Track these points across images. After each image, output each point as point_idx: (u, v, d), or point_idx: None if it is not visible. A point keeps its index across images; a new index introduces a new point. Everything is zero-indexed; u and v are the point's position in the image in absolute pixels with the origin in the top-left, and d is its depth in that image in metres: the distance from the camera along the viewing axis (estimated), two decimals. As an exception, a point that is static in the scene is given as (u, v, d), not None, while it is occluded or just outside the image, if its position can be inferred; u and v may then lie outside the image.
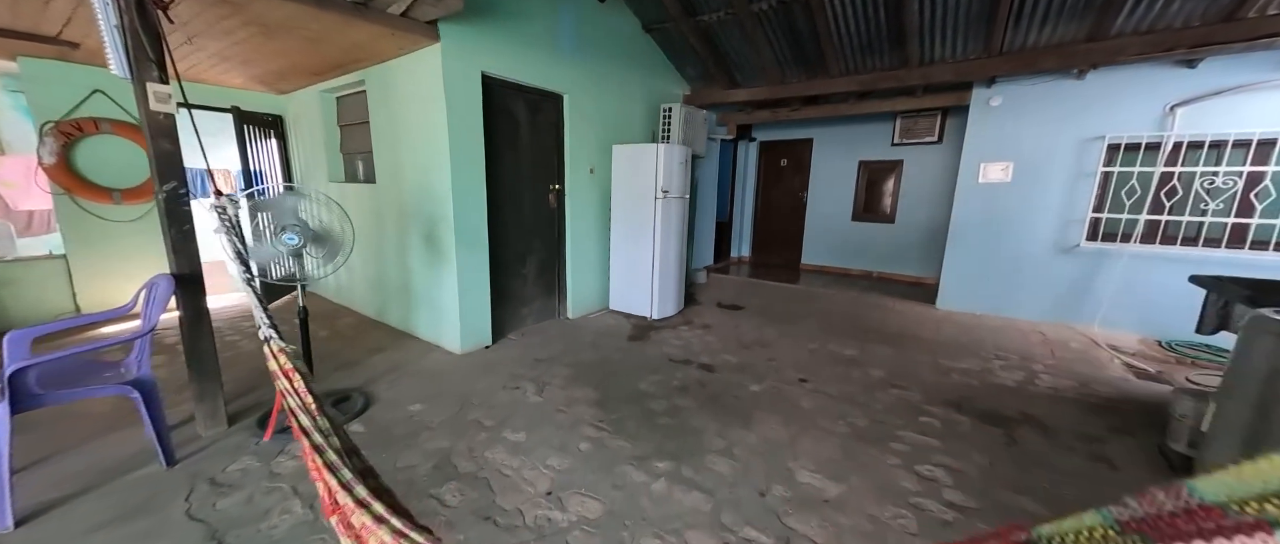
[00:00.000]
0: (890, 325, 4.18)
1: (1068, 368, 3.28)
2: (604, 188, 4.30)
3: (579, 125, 3.96)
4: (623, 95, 4.37)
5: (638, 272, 4.23)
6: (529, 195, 3.74)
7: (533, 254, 3.86)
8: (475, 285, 3.29)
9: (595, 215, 4.29)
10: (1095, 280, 4.00)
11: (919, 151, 5.78)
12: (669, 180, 4.03)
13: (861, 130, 6.15)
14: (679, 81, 5.18)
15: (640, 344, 3.59)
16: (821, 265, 6.75)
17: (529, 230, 3.79)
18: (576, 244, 4.15)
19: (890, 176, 6.06)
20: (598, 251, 4.38)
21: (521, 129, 3.59)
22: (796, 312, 4.56)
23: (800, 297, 5.17)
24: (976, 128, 4.35)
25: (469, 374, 2.94)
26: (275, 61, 3.34)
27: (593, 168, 4.17)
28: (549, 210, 3.93)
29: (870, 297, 5.15)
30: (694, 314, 4.46)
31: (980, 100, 4.30)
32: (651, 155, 3.96)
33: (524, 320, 3.89)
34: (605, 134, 4.23)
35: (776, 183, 7.07)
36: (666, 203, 4.05)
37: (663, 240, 4.09)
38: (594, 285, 4.42)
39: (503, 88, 3.36)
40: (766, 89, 4.76)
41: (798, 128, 6.68)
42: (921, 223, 5.90)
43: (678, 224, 4.26)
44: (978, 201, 4.42)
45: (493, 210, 3.41)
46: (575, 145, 3.96)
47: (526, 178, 3.69)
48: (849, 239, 6.47)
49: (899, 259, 6.13)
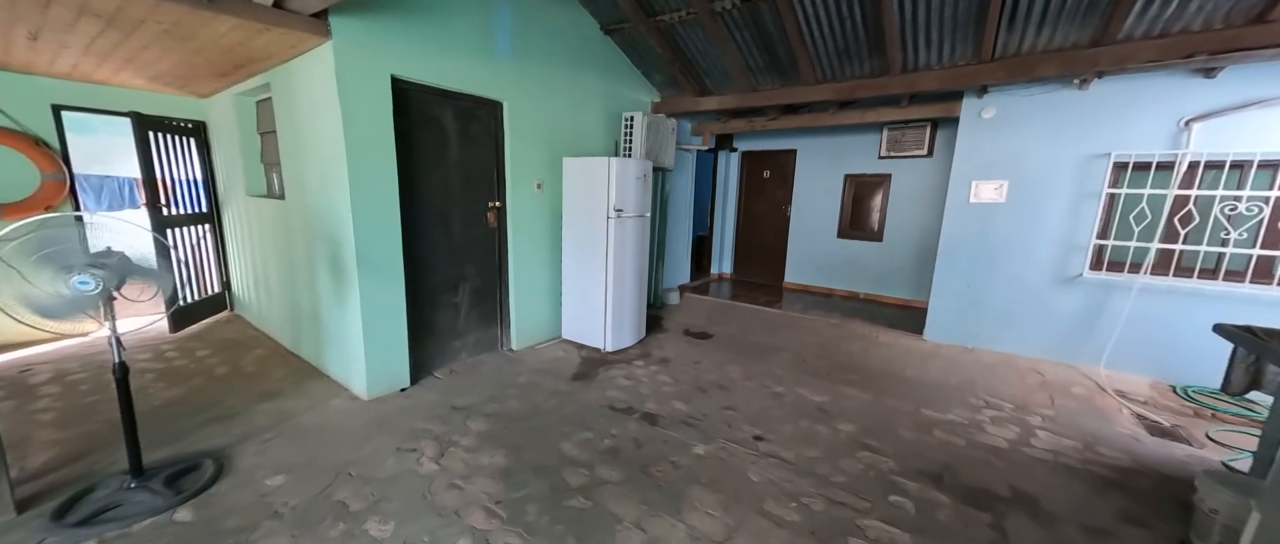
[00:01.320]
0: (872, 361, 3.73)
1: (1070, 420, 2.84)
2: (555, 205, 3.88)
3: (523, 136, 3.54)
4: (577, 102, 3.95)
5: (590, 299, 3.80)
6: (461, 215, 3.31)
7: (466, 281, 3.42)
8: (386, 320, 2.85)
9: (545, 236, 3.86)
10: (1101, 315, 3.56)
11: (908, 166, 5.36)
12: (623, 197, 3.60)
13: (847, 142, 5.74)
14: (647, 88, 4.77)
15: (583, 385, 3.15)
16: (806, 285, 6.31)
17: (461, 254, 3.36)
18: (522, 268, 3.72)
19: (878, 192, 5.64)
20: (548, 276, 3.95)
21: (450, 141, 3.16)
22: (769, 343, 4.11)
23: (777, 324, 4.73)
24: (967, 141, 3.93)
25: (363, 430, 2.50)
26: (161, 61, 2.92)
27: (540, 183, 3.74)
28: (486, 231, 3.50)
29: (853, 324, 4.71)
30: (655, 344, 4.02)
31: (971, 111, 3.88)
32: (603, 170, 3.53)
33: (455, 355, 3.45)
34: (556, 145, 3.81)
35: (759, 195, 6.65)
36: (621, 223, 3.62)
37: (617, 265, 3.66)
38: (544, 313, 3.98)
39: (423, 94, 2.94)
40: (737, 97, 4.34)
41: (780, 137, 6.26)
42: (911, 242, 5.47)
43: (635, 246, 3.82)
44: (969, 223, 3.99)
45: (412, 233, 2.98)
46: (518, 158, 3.54)
47: (457, 195, 3.26)
48: (834, 257, 6.04)
49: (887, 280, 5.70)
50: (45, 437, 2.33)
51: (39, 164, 3.45)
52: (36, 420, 2.49)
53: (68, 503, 1.80)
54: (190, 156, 4.14)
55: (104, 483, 1.90)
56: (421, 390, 2.99)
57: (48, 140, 3.52)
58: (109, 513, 1.77)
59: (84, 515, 1.73)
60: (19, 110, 3.40)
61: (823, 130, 5.85)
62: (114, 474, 1.95)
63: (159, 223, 3.69)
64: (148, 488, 1.86)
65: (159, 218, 3.69)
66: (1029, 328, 3.84)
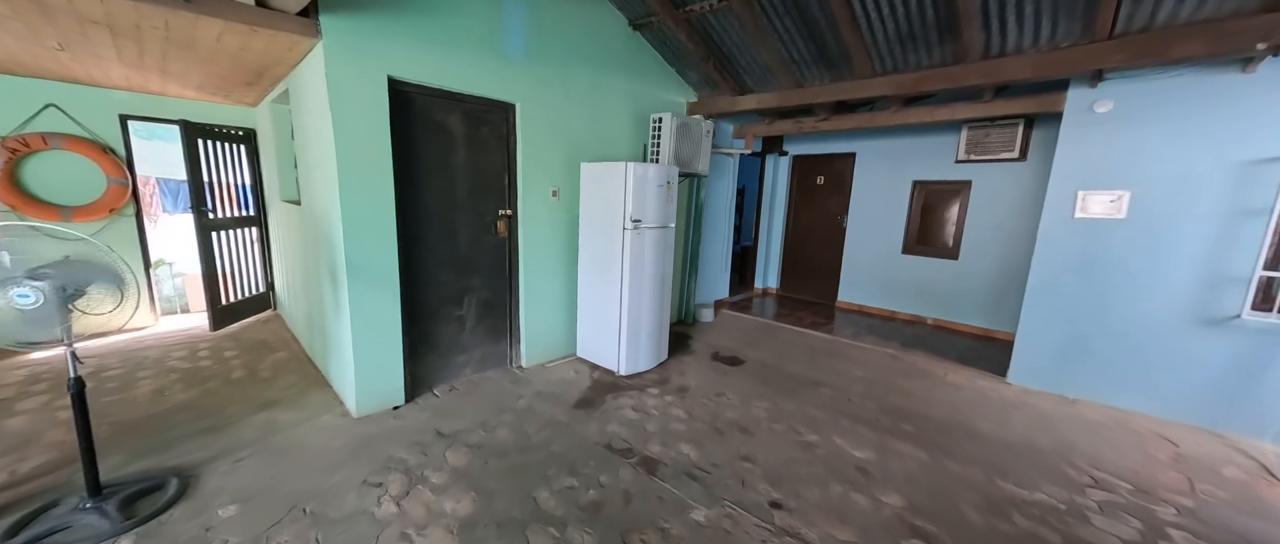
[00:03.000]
0: (935, 407, 3.09)
1: (1218, 517, 2.09)
2: (571, 214, 3.61)
3: (537, 140, 3.31)
4: (600, 104, 3.66)
5: (604, 317, 3.48)
6: (468, 223, 3.13)
7: (473, 293, 3.24)
8: (378, 333, 2.71)
9: (560, 247, 3.61)
10: (1269, 371, 2.68)
11: (993, 171, 4.54)
12: (641, 207, 3.25)
13: (916, 144, 4.99)
14: (681, 88, 4.40)
15: (584, 415, 2.84)
16: (862, 305, 5.59)
17: (468, 265, 3.18)
18: (533, 281, 3.49)
19: (953, 202, 4.84)
20: (562, 290, 3.69)
21: (456, 145, 2.99)
22: (809, 374, 3.57)
23: (821, 351, 4.14)
24: (1073, 142, 3.17)
25: (339, 454, 2.34)
26: (189, 71, 3.01)
27: (556, 190, 3.49)
28: (496, 241, 3.30)
29: (914, 356, 4.01)
30: (676, 369, 3.62)
31: (1079, 105, 3.12)
32: (619, 176, 3.21)
33: (459, 371, 3.27)
34: (575, 150, 3.55)
35: (811, 203, 6.02)
36: (639, 235, 3.28)
37: (633, 281, 3.32)
38: (557, 329, 3.72)
39: (426, 96, 2.78)
40: (779, 95, 3.85)
41: (836, 140, 5.61)
42: (993, 262, 4.62)
43: (656, 261, 3.46)
44: (1073, 242, 3.21)
45: (413, 241, 2.83)
46: (532, 164, 3.31)
47: (465, 203, 3.09)
48: (898, 276, 5.29)
49: (962, 305, 4.87)
50: (53, 437, 2.40)
51: (105, 169, 3.73)
52: (55, 418, 2.59)
53: (24, 520, 1.76)
54: (241, 162, 4.35)
55: (66, 500, 1.86)
56: (414, 410, 2.82)
57: (114, 147, 3.81)
58: (54, 536, 1.70)
59: (29, 538, 1.67)
60: (90, 120, 3.70)
61: (887, 131, 5.15)
62: (79, 490, 1.91)
63: (204, 225, 3.87)
64: (100, 510, 1.78)
65: (204, 220, 3.88)
66: (1156, 379, 3.00)
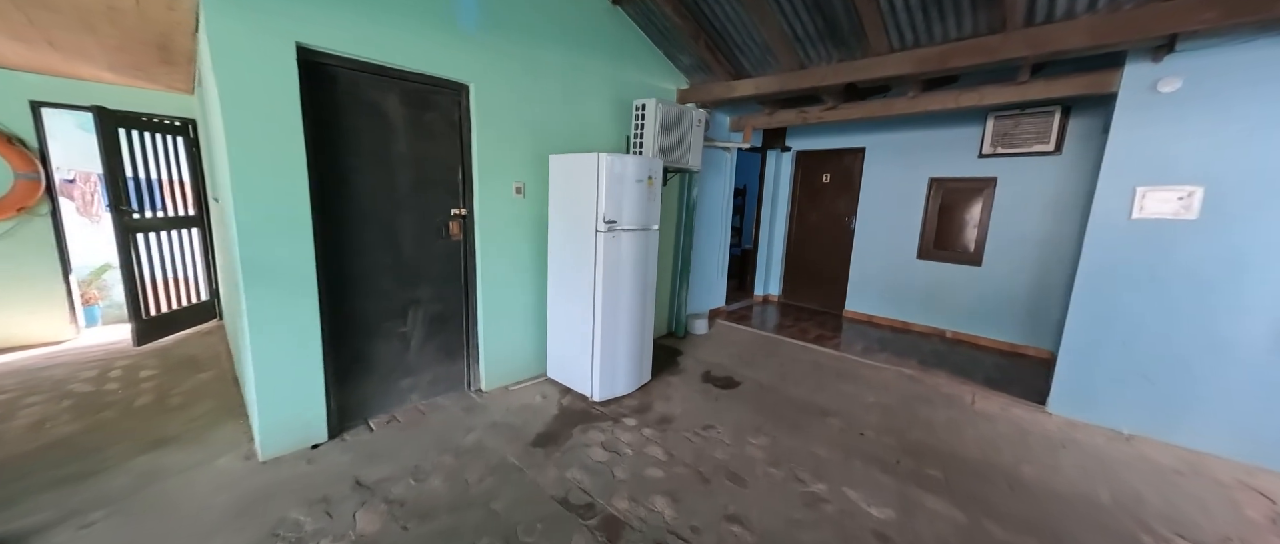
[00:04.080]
0: (965, 443, 2.58)
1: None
2: (539, 213, 3.14)
3: (497, 128, 2.83)
4: (574, 88, 3.19)
5: (576, 333, 3.00)
6: (412, 224, 2.66)
7: (420, 305, 2.76)
8: (291, 353, 2.23)
9: (528, 251, 3.13)
10: (1385, 408, 2.16)
11: (1022, 166, 4.03)
12: (616, 205, 2.77)
13: (934, 137, 4.49)
14: (671, 73, 3.92)
15: (543, 456, 2.35)
16: (872, 315, 5.08)
17: (413, 272, 2.70)
18: (496, 290, 3.01)
19: (976, 200, 4.33)
20: (530, 300, 3.21)
21: (397, 132, 2.52)
22: (815, 400, 3.07)
23: (829, 371, 3.63)
24: (1130, 129, 2.66)
25: (214, 516, 1.86)
26: (82, 43, 2.55)
27: (520, 186, 3.02)
28: (448, 244, 2.83)
29: (936, 377, 3.50)
30: (660, 392, 3.13)
31: (1138, 84, 2.61)
32: (590, 170, 2.73)
33: (404, 397, 2.79)
34: (544, 140, 3.08)
35: (816, 203, 5.52)
36: (614, 239, 2.80)
37: (607, 292, 2.83)
38: (525, 346, 3.24)
39: (354, 72, 2.31)
40: (779, 78, 3.35)
41: (843, 133, 5.12)
42: (1024, 268, 4.11)
43: (635, 268, 2.97)
44: (1129, 247, 2.70)
45: (340, 244, 2.36)
46: (492, 155, 2.84)
47: (408, 200, 2.62)
48: (913, 283, 4.77)
49: (987, 317, 4.35)
50: None
51: (12, 163, 3.29)
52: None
53: None
54: (178, 156, 3.89)
55: None
56: (336, 450, 2.33)
57: (23, 137, 3.36)
58: None
59: None
60: (-3, 110, 3.26)
61: (900, 122, 4.65)
62: None
63: (124, 226, 3.41)
64: None
65: (124, 220, 3.41)
66: (1239, 415, 2.48)
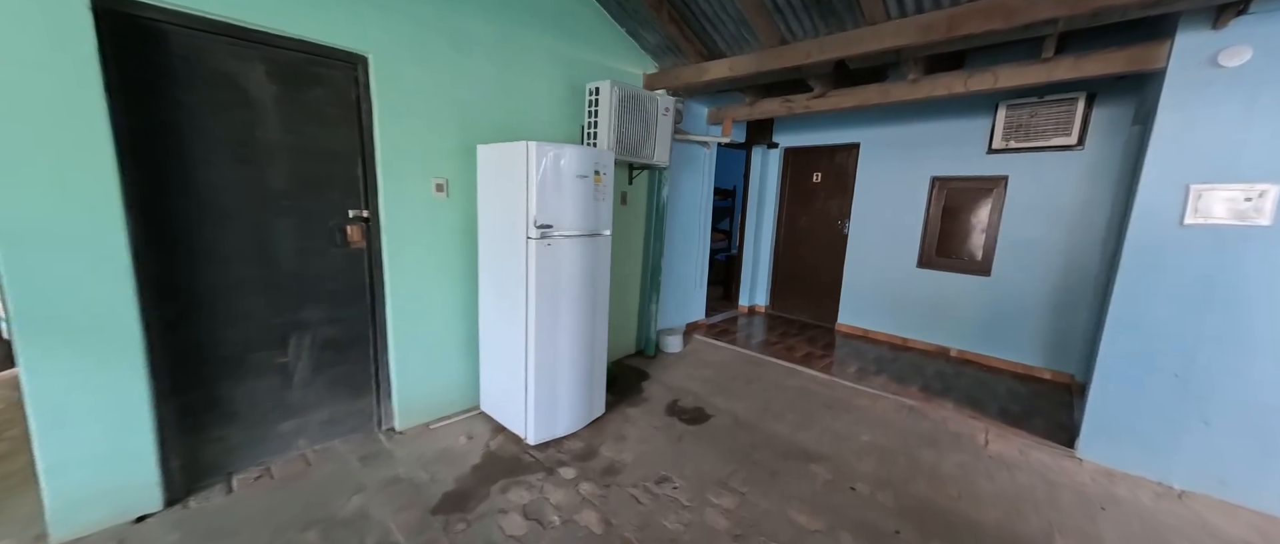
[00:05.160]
0: (982, 503, 2.06)
1: None
2: (468, 214, 2.63)
3: (409, 111, 2.32)
4: (513, 66, 2.69)
5: (509, 360, 2.48)
6: (293, 229, 2.14)
7: (307, 329, 2.24)
8: (94, 407, 1.70)
9: (454, 260, 2.62)
10: None
11: (1037, 163, 3.53)
12: (552, 206, 2.26)
13: (937, 130, 3.99)
14: (635, 55, 3.41)
15: (443, 527, 1.83)
16: (867, 330, 4.57)
17: (296, 288, 2.18)
18: (413, 308, 2.49)
19: (984, 202, 3.83)
20: (461, 318, 2.69)
21: (267, 114, 2.01)
22: (799, 440, 2.55)
23: (818, 399, 3.12)
24: (1182, 113, 2.15)
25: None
26: None
27: (442, 182, 2.51)
28: (346, 254, 2.31)
29: (941, 408, 2.98)
30: (614, 430, 2.61)
31: (1192, 57, 2.11)
32: (519, 162, 2.22)
33: (287, 444, 2.26)
34: (474, 127, 2.57)
35: (807, 205, 5.01)
36: (551, 247, 2.28)
37: (542, 312, 2.31)
38: (454, 373, 2.71)
39: (194, 32, 1.79)
40: (756, 57, 2.84)
41: (835, 126, 4.62)
42: (1040, 280, 3.60)
43: (580, 282, 2.45)
44: (1182, 259, 2.19)
45: (182, 256, 1.84)
46: (403, 145, 2.33)
47: (285, 200, 2.10)
48: (913, 295, 4.27)
49: (996, 334, 3.84)
50: None
51: None
52: None
53: None
54: None
55: None
56: (165, 525, 1.79)
57: None
58: None
59: None
60: None
61: (898, 114, 4.15)
62: None
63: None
64: None
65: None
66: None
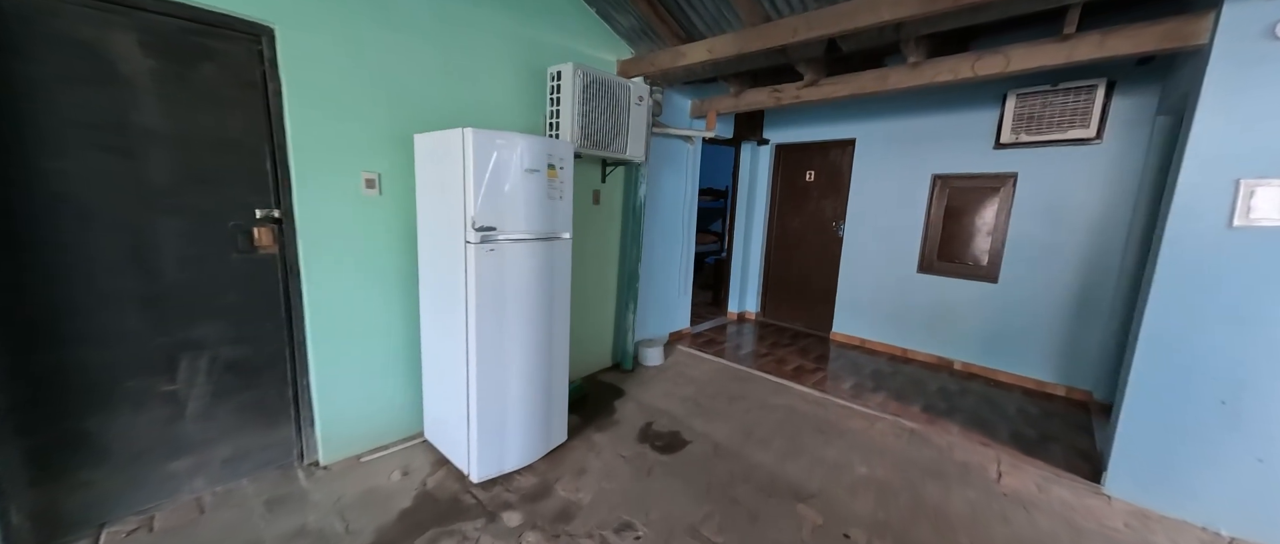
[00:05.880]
0: (997, 560, 1.74)
1: None
2: (405, 213, 2.29)
3: (329, 95, 1.99)
4: (458, 44, 2.35)
5: (450, 384, 2.14)
6: (180, 231, 1.80)
7: (203, 349, 1.90)
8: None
9: (392, 265, 2.28)
10: None
11: (1051, 159, 3.22)
12: (495, 205, 1.92)
13: (938, 123, 3.68)
14: (608, 39, 3.08)
15: (344, 597, 1.48)
16: (864, 340, 4.25)
17: (184, 301, 1.84)
18: (339, 322, 2.15)
19: (990, 202, 3.51)
20: (400, 333, 2.35)
21: (141, 93, 1.67)
22: (786, 471, 2.21)
23: (809, 421, 2.79)
24: (1228, 96, 1.84)
25: None
26: None
27: (373, 177, 2.17)
28: (252, 261, 1.97)
29: (946, 432, 2.66)
30: (574, 461, 2.27)
31: (1242, 30, 1.80)
32: (454, 152, 1.89)
33: (179, 485, 1.91)
34: (412, 117, 2.24)
35: (800, 205, 4.69)
36: (494, 253, 1.95)
37: (484, 328, 1.98)
38: (392, 396, 2.37)
39: (35, -10, 1.46)
40: (738, 37, 2.50)
41: (829, 120, 4.30)
42: (1052, 287, 3.29)
43: (533, 293, 2.12)
44: (1228, 267, 1.87)
45: (20, 266, 1.50)
46: (322, 134, 2.00)
47: (169, 196, 1.76)
48: (913, 303, 3.95)
49: (1004, 347, 3.52)
50: None
51: None
52: None
53: None
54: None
55: None
56: (3, 593, 1.46)
57: None
58: None
59: None
60: None
61: (896, 106, 3.84)
62: None
63: None
64: None
65: None
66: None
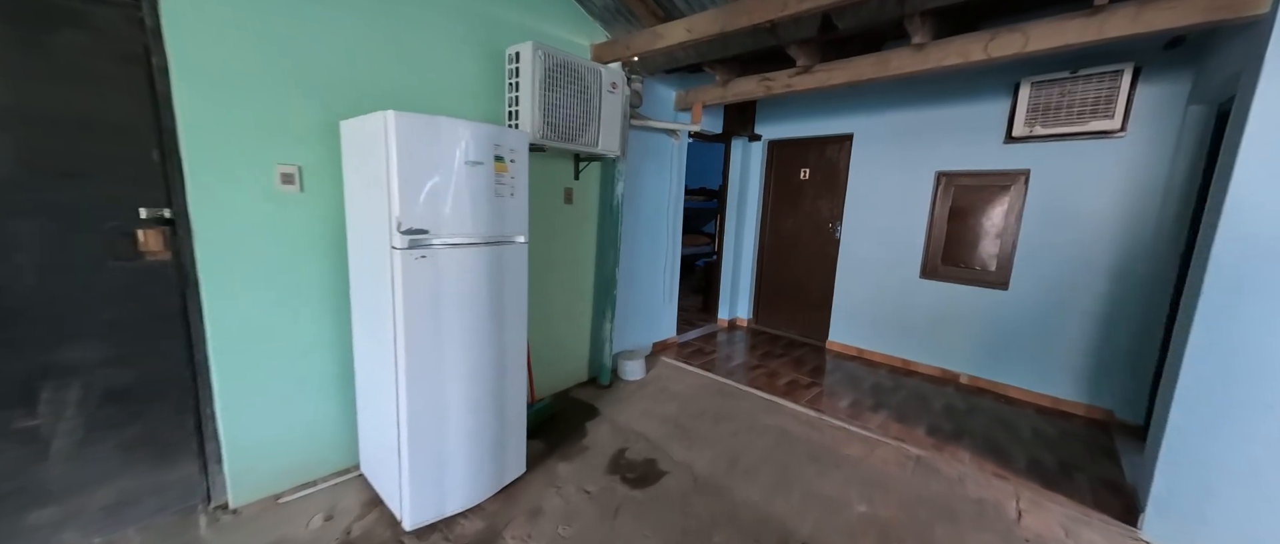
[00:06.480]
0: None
1: None
2: (335, 216, 1.97)
3: (233, 74, 1.67)
4: (399, 23, 2.04)
5: (381, 413, 1.82)
6: (33, 234, 1.48)
7: (73, 376, 1.57)
8: None
9: (319, 273, 1.96)
10: None
11: (1068, 154, 2.93)
12: (427, 205, 1.61)
13: (943, 116, 3.38)
14: (580, 20, 2.77)
15: None
16: (862, 350, 3.95)
17: (41, 318, 1.51)
18: (250, 340, 1.83)
19: (999, 201, 3.22)
20: (330, 352, 2.03)
21: (-22, 63, 1.35)
22: (774, 510, 1.90)
23: (802, 446, 2.48)
24: (1297, 72, 1.55)
25: None
26: None
27: (292, 171, 1.85)
28: (136, 269, 1.65)
29: (955, 460, 2.36)
30: (531, 498, 1.96)
31: (1316, -8, 1.51)
32: (377, 139, 1.58)
33: (42, 539, 1.59)
34: (342, 102, 1.92)
35: (794, 205, 4.40)
36: (427, 262, 1.63)
37: (416, 348, 1.66)
38: (322, 424, 2.05)
39: None
40: (720, 13, 2.18)
41: (824, 113, 4.00)
42: (1069, 295, 3.00)
43: (480, 306, 1.80)
44: (1291, 277, 1.58)
45: None
46: (223, 118, 1.68)
47: (18, 193, 1.44)
48: (915, 310, 3.65)
49: (1015, 359, 3.23)
50: None
51: None
52: None
53: None
54: None
55: None
56: None
57: None
58: None
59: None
60: None
61: (897, 98, 3.55)
62: None
63: None
64: None
65: None
66: None
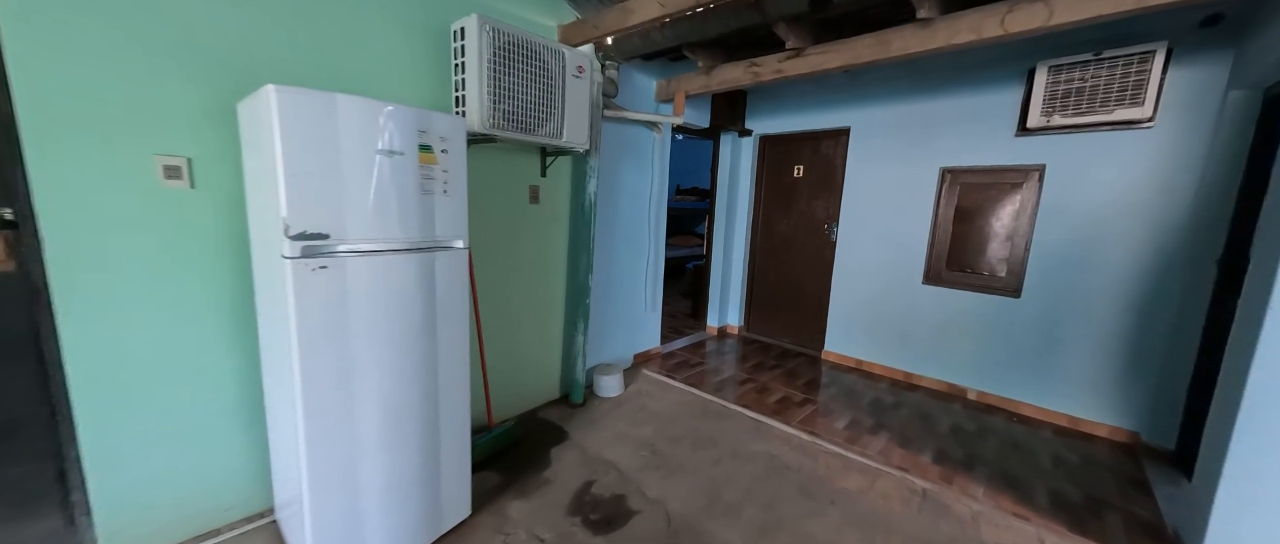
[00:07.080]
0: None
1: None
2: (234, 216, 1.66)
3: (96, 42, 1.35)
4: (311, -16, 1.73)
5: (287, 451, 1.51)
6: None
7: (-123, 419, 1.25)
8: None
9: (216, 281, 1.64)
10: None
11: (1089, 147, 2.65)
12: (325, 204, 1.29)
13: (948, 107, 3.10)
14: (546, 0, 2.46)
15: None
16: (861, 361, 3.66)
17: None
18: (128, 365, 1.52)
19: (1010, 200, 2.94)
20: (231, 377, 1.71)
21: None
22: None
23: (792, 478, 2.18)
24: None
25: None
26: None
27: (180, 164, 1.53)
28: (-33, 283, 1.33)
29: (967, 495, 2.07)
30: (468, 557, 1.65)
31: None
32: (264, 124, 1.26)
33: None
34: (249, 78, 1.60)
35: (787, 207, 4.10)
36: (328, 274, 1.31)
37: (317, 378, 1.34)
38: (223, 463, 1.73)
39: None
40: (696, -26, 1.90)
41: (819, 106, 3.71)
42: (1089, 304, 2.71)
43: (397, 328, 1.49)
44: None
45: None
46: (86, 98, 1.36)
47: None
48: (918, 318, 3.37)
49: (1028, 372, 2.95)
50: None
51: None
52: None
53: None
54: None
55: None
56: None
57: None
58: None
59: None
60: None
61: (898, 88, 3.26)
62: None
63: None
64: None
65: None
66: None
